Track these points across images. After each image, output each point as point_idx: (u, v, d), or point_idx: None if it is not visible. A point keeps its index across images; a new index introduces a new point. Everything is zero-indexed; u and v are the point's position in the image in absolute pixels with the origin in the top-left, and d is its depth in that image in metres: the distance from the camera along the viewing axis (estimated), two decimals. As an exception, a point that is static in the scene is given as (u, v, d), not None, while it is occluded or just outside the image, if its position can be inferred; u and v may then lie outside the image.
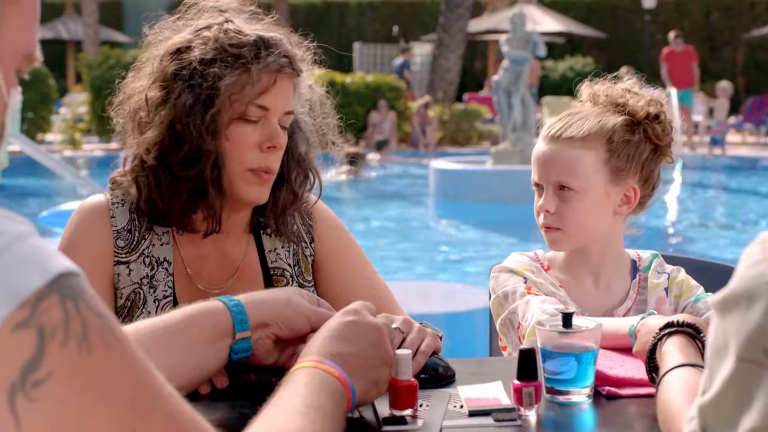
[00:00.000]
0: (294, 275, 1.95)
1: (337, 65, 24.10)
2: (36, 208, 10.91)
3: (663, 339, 1.47)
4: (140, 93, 1.83)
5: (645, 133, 1.95)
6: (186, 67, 1.78)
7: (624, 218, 2.01)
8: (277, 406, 1.12)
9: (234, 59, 1.77)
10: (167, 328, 1.38)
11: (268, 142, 1.80)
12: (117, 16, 29.64)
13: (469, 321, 4.71)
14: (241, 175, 1.80)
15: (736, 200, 13.43)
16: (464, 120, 19.36)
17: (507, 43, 12.87)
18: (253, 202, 1.86)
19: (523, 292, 1.92)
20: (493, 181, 11.62)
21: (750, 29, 25.95)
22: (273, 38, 1.81)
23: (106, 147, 18.34)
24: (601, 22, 27.58)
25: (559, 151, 1.94)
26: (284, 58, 1.80)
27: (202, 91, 1.76)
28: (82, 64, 19.53)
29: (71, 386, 0.76)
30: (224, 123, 1.78)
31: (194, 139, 1.76)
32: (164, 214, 1.83)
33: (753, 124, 19.98)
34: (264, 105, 1.79)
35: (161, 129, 1.78)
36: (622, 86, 2.00)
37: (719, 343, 0.90)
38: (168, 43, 1.84)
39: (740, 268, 0.90)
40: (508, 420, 1.38)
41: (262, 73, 1.77)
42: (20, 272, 0.76)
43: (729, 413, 0.88)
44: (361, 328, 1.32)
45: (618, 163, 1.93)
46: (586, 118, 1.95)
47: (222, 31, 1.80)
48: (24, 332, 0.75)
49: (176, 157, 1.78)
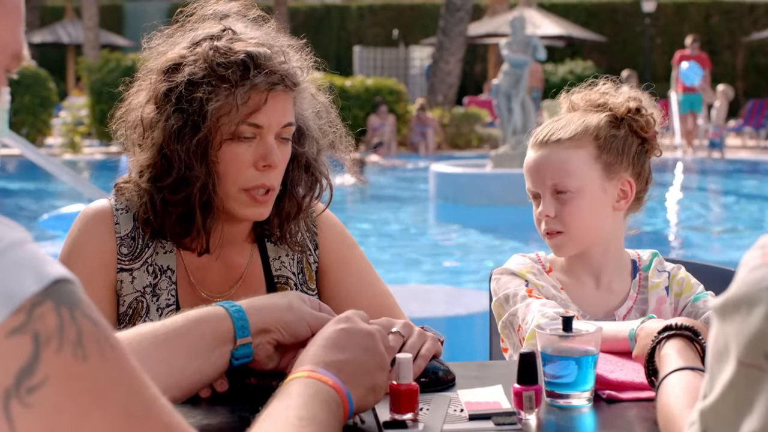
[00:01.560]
0: (298, 283, 1.94)
1: (337, 68, 24.12)
2: (36, 211, 10.91)
3: (662, 342, 1.47)
4: (137, 110, 1.82)
5: (630, 128, 1.97)
6: (175, 89, 1.75)
7: (624, 218, 2.02)
8: (270, 419, 1.12)
9: (220, 81, 1.72)
10: (168, 333, 1.37)
11: (263, 160, 1.76)
12: (117, 20, 29.67)
13: (470, 325, 4.70)
14: (235, 196, 1.78)
15: (736, 204, 13.43)
16: (464, 123, 19.37)
17: (507, 46, 12.89)
18: (252, 220, 1.85)
19: (524, 294, 1.92)
20: (493, 185, 11.63)
21: (750, 33, 25.96)
22: (262, 55, 1.75)
23: (106, 150, 18.35)
24: (601, 26, 27.59)
25: (550, 155, 1.95)
26: (276, 75, 1.74)
27: (189, 115, 1.73)
28: (82, 68, 19.55)
29: (66, 392, 0.76)
30: (215, 145, 1.75)
31: (182, 164, 1.74)
32: (159, 232, 1.83)
33: (753, 127, 19.99)
34: (256, 123, 1.75)
35: (153, 152, 1.77)
36: (598, 90, 2.03)
37: (720, 347, 0.90)
38: (163, 58, 1.81)
39: (741, 272, 0.90)
40: (509, 424, 1.38)
41: (251, 93, 1.73)
42: (15, 278, 0.76)
43: (730, 417, 0.88)
44: (354, 334, 1.32)
45: (609, 158, 1.95)
46: (570, 120, 1.98)
47: (212, 48, 1.75)
48: (19, 338, 0.75)
49: (167, 181, 1.76)
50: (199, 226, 1.78)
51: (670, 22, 27.37)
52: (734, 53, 27.29)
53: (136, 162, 1.80)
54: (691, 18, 27.44)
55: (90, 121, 18.63)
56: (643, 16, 24.66)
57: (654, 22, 25.66)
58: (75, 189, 8.53)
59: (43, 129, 19.01)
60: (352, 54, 27.15)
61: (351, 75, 21.76)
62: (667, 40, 26.87)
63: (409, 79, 26.23)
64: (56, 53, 28.92)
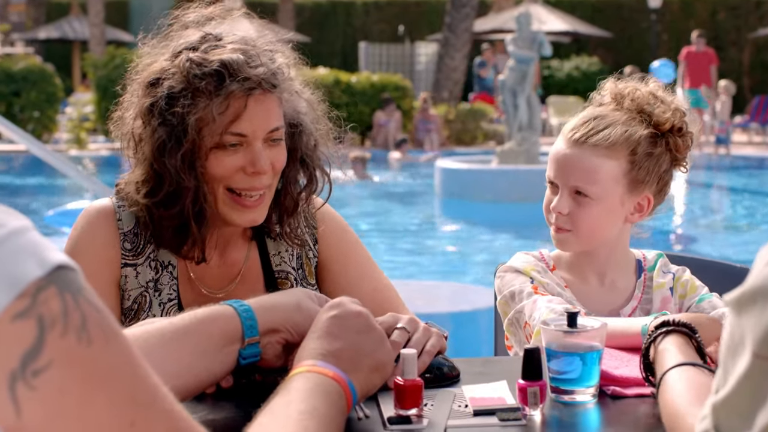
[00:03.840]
0: (298, 278, 1.94)
1: (343, 65, 24.10)
2: (42, 207, 10.93)
3: (659, 338, 1.47)
4: (129, 124, 1.82)
5: (666, 145, 1.93)
6: (156, 103, 1.75)
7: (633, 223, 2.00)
8: (270, 414, 1.13)
9: (197, 93, 1.72)
10: (176, 332, 1.37)
11: (251, 167, 1.76)
12: (123, 16, 29.65)
13: (474, 321, 4.70)
14: (222, 198, 1.78)
15: (742, 200, 13.40)
16: (470, 119, 19.34)
17: (512, 42, 12.86)
18: (245, 225, 1.84)
19: (530, 291, 1.92)
20: (498, 181, 11.62)
21: (756, 29, 25.89)
22: (235, 62, 1.72)
23: (111, 146, 18.34)
24: (606, 22, 27.53)
25: (581, 157, 1.91)
26: (250, 81, 1.72)
27: (173, 129, 1.73)
28: (88, 64, 19.56)
29: (71, 375, 0.76)
30: (201, 155, 1.74)
31: (172, 178, 1.74)
32: (159, 241, 1.83)
33: (759, 123, 19.94)
34: (239, 132, 1.74)
35: (145, 167, 1.77)
36: (647, 89, 1.96)
37: (735, 340, 0.90)
38: (146, 72, 1.80)
39: (757, 265, 0.90)
40: (513, 419, 1.38)
41: (228, 101, 1.72)
42: (19, 263, 0.76)
43: (744, 410, 0.88)
44: (344, 319, 1.33)
45: (638, 175, 1.91)
46: (612, 125, 1.91)
47: (188, 59, 1.74)
48: (24, 321, 0.75)
49: (160, 195, 1.76)
50: (195, 237, 1.79)
51: (677, 18, 27.31)
52: (740, 49, 27.23)
53: (132, 180, 1.80)
54: (697, 14, 27.37)
55: (96, 117, 18.64)
56: (649, 12, 24.59)
57: (660, 18, 25.60)
58: (80, 185, 8.55)
59: (49, 125, 19.02)
60: (357, 50, 27.12)
61: (357, 71, 21.73)
62: (673, 37, 26.81)
63: (415, 75, 26.20)
64: (62, 49, 28.94)
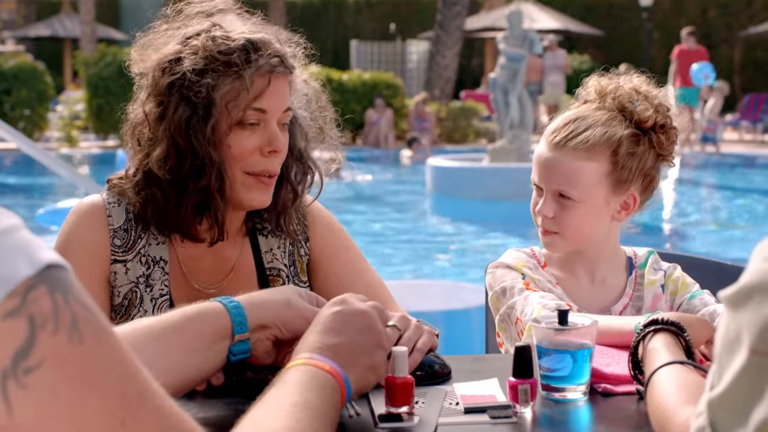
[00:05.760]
0: (290, 275, 1.95)
1: (334, 63, 24.09)
2: (33, 206, 10.90)
3: (647, 336, 1.47)
4: (138, 107, 1.83)
5: (650, 143, 1.92)
6: (179, 80, 1.77)
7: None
8: (265, 406, 1.13)
9: (225, 67, 1.76)
10: (165, 329, 1.37)
11: (268, 146, 1.80)
12: (114, 14, 29.61)
13: (466, 319, 4.70)
14: (241, 180, 1.81)
15: (732, 198, 13.44)
16: (461, 117, 19.36)
17: (504, 40, 12.88)
18: (255, 207, 1.86)
19: (522, 287, 1.92)
20: (489, 179, 11.63)
21: (747, 27, 25.96)
22: (261, 39, 1.80)
23: (102, 144, 18.33)
24: (598, 20, 27.59)
25: (562, 159, 1.91)
26: (275, 58, 1.79)
27: (198, 103, 1.76)
28: (79, 62, 19.53)
29: (62, 374, 0.76)
30: (224, 131, 1.78)
31: (198, 152, 1.76)
32: (172, 224, 1.84)
33: (750, 121, 20.00)
34: (261, 108, 1.79)
35: (165, 144, 1.78)
36: (630, 86, 1.95)
37: (731, 337, 0.90)
38: (158, 55, 1.82)
39: (753, 262, 0.90)
40: (504, 417, 1.38)
41: (254, 76, 1.77)
42: (9, 261, 0.76)
43: (739, 406, 0.88)
44: (347, 316, 1.33)
45: (621, 175, 1.91)
46: (592, 127, 1.90)
47: (210, 38, 1.79)
48: (15, 320, 0.75)
49: (183, 171, 1.78)
50: (218, 210, 1.80)
51: (668, 17, 27.37)
52: (731, 47, 27.30)
53: (153, 160, 1.79)
54: (688, 12, 27.44)
55: (87, 115, 18.62)
56: (640, 10, 24.62)
57: (651, 16, 25.62)
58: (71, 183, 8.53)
59: (39, 123, 18.98)
60: (349, 48, 27.13)
61: (348, 69, 21.73)
62: (664, 35, 26.87)
63: (406, 73, 26.21)
64: (53, 47, 28.89)
